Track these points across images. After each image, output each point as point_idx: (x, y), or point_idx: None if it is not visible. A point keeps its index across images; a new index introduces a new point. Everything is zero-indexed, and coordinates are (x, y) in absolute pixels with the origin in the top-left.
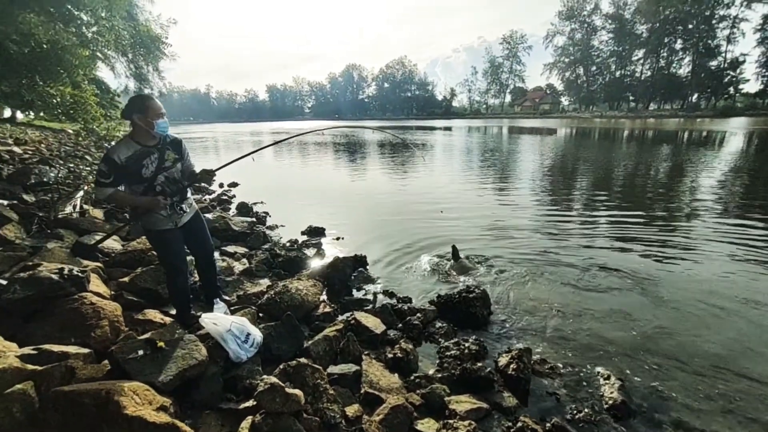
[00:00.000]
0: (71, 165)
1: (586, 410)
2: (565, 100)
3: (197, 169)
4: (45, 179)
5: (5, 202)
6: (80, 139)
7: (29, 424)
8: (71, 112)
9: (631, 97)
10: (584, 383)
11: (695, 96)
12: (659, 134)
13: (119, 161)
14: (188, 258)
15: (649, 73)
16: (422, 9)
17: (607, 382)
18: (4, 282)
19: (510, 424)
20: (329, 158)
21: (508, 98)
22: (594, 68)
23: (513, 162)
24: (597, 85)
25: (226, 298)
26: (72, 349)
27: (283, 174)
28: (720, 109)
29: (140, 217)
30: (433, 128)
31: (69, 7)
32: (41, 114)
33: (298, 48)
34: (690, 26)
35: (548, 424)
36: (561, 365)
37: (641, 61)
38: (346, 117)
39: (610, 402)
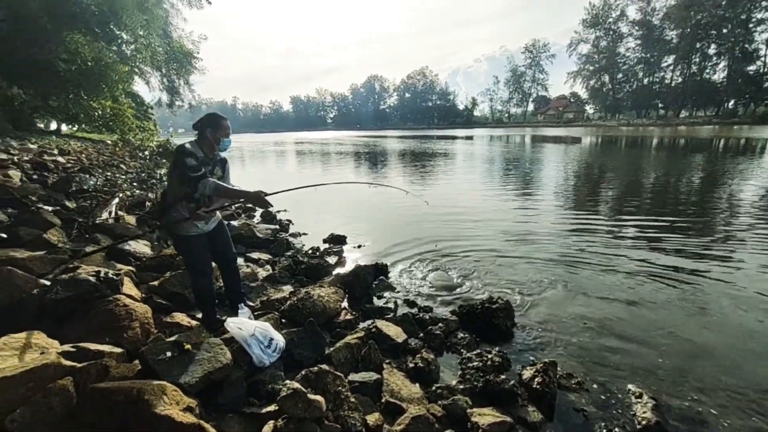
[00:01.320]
0: (108, 174)
1: (616, 430)
2: (589, 109)
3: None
4: (85, 187)
5: (50, 208)
6: (117, 149)
7: (67, 419)
8: (110, 123)
9: (660, 105)
10: (614, 401)
11: (731, 102)
12: (692, 142)
13: (198, 156)
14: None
15: (680, 79)
16: (444, 20)
17: (640, 400)
18: (48, 283)
19: None
20: (350, 166)
21: (530, 107)
22: (620, 76)
23: (536, 171)
24: (623, 93)
25: (251, 303)
26: (107, 348)
27: (307, 182)
28: (760, 115)
29: (174, 222)
30: (454, 137)
31: (111, 26)
32: (83, 126)
33: (322, 60)
34: (725, 30)
35: None
36: (589, 380)
37: (671, 68)
38: (367, 127)
39: (644, 422)
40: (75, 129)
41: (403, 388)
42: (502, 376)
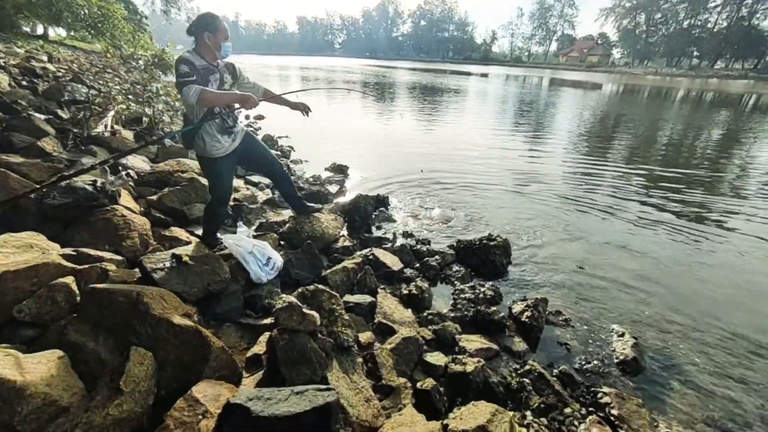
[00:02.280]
0: (101, 83)
1: (595, 362)
2: (616, 53)
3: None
4: (78, 96)
5: (42, 116)
6: (108, 56)
7: (71, 313)
8: (99, 25)
9: (695, 53)
10: (597, 338)
11: None
12: (719, 98)
13: (196, 65)
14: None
15: (725, 23)
16: None
17: (621, 339)
18: (44, 189)
19: (518, 366)
20: (357, 98)
21: (553, 46)
22: (659, 16)
23: (549, 115)
24: (658, 37)
25: (312, 204)
26: (106, 254)
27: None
28: None
29: (196, 141)
30: (469, 74)
31: None
32: (72, 33)
33: None
34: None
35: (555, 370)
36: (576, 318)
37: (718, 9)
38: (378, 56)
39: (621, 357)
40: (64, 36)
41: (396, 312)
42: (493, 308)
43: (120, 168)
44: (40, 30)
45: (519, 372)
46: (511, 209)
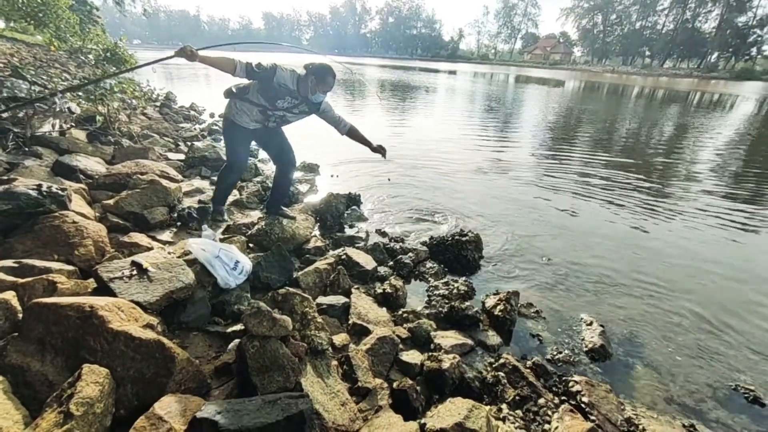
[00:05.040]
0: (45, 78)
1: (566, 351)
2: (577, 51)
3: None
4: (18, 93)
5: None
6: (53, 49)
7: (12, 332)
8: (40, 15)
9: (647, 53)
10: (567, 327)
11: (715, 55)
12: (669, 94)
13: (275, 81)
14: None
15: (671, 26)
16: None
17: (589, 327)
18: None
19: (492, 359)
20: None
21: (518, 44)
22: (614, 17)
23: (515, 111)
24: (614, 36)
25: (287, 211)
26: (55, 265)
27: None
28: (737, 71)
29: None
30: (437, 71)
31: None
32: (11, 24)
33: None
34: None
35: (529, 362)
36: (547, 310)
37: (666, 12)
38: (346, 53)
39: (590, 345)
40: (2, 27)
41: (371, 312)
42: (467, 303)
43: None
44: None
45: (494, 366)
46: (480, 202)
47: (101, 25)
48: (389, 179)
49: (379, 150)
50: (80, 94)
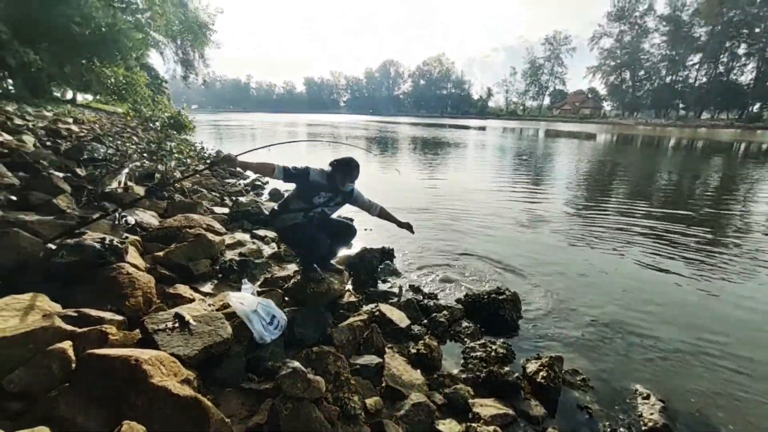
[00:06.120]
0: (119, 143)
1: (621, 429)
2: (607, 106)
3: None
4: (96, 155)
5: (61, 175)
6: (128, 119)
7: (65, 381)
8: (123, 92)
9: (681, 105)
10: (619, 400)
11: (757, 105)
12: (711, 145)
13: (310, 178)
14: None
15: (704, 79)
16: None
17: (647, 401)
18: (54, 247)
19: None
20: (360, 152)
21: (547, 100)
22: (642, 73)
23: (548, 164)
24: (643, 91)
25: (335, 264)
26: (108, 314)
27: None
28: None
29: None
30: (467, 127)
31: None
32: (97, 97)
33: (348, 45)
34: (757, 30)
35: None
36: (594, 378)
37: (696, 67)
38: (380, 113)
39: (650, 424)
40: (90, 99)
41: (405, 374)
42: (506, 368)
43: (124, 222)
44: (69, 95)
45: None
46: (516, 257)
47: (167, 94)
48: (445, 233)
49: (407, 226)
50: (145, 154)
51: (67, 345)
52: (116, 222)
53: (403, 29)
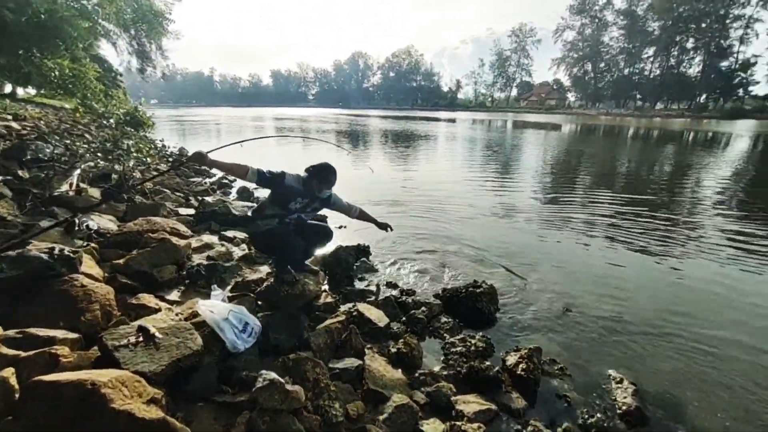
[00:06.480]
0: (68, 142)
1: (598, 415)
2: (571, 96)
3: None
4: (41, 155)
5: (0, 177)
6: (78, 115)
7: (7, 414)
8: (70, 86)
9: (638, 96)
10: (596, 386)
11: (704, 96)
12: (664, 134)
13: (286, 183)
14: None
15: (658, 71)
16: None
17: (620, 386)
18: None
19: (519, 427)
20: (330, 147)
21: (514, 92)
22: (602, 65)
23: (516, 155)
24: (605, 82)
25: (310, 265)
26: (60, 333)
27: (284, 161)
28: (728, 110)
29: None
30: (437, 119)
31: None
32: (41, 91)
33: (306, 33)
34: (703, 25)
35: (559, 429)
36: (571, 366)
37: (651, 59)
38: (349, 106)
39: (624, 408)
40: (33, 94)
41: (386, 374)
42: (486, 363)
43: (86, 228)
44: (7, 89)
45: None
46: (490, 249)
47: (123, 89)
48: (419, 227)
49: (384, 226)
50: (99, 153)
51: (8, 373)
52: (77, 228)
53: (360, 17)
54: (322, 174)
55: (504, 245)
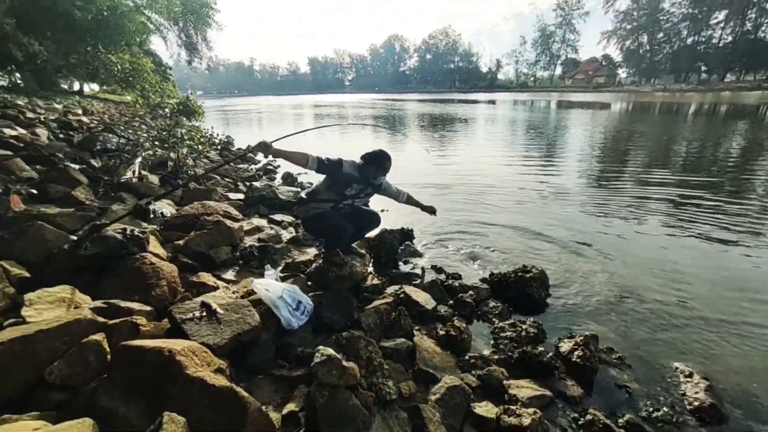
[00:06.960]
0: (130, 132)
1: (664, 409)
2: (622, 73)
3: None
4: (109, 146)
5: (76, 167)
6: (137, 107)
7: (102, 374)
8: (130, 79)
9: (703, 68)
10: (659, 378)
11: None
12: (735, 109)
13: (343, 170)
14: None
15: (729, 38)
16: None
17: (690, 380)
18: (75, 239)
19: (577, 415)
20: (369, 131)
21: (558, 70)
22: (661, 35)
23: (562, 136)
24: (662, 55)
25: (357, 248)
26: (136, 305)
27: (327, 146)
28: None
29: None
30: (476, 101)
31: None
32: (104, 87)
33: (324, 22)
34: None
35: (621, 420)
36: (631, 356)
37: (721, 25)
38: (386, 90)
39: (696, 403)
40: (97, 90)
41: (435, 356)
42: (539, 348)
43: (160, 214)
44: (76, 86)
45: (580, 423)
46: (539, 233)
47: (172, 81)
48: (464, 212)
49: (430, 210)
50: (156, 142)
51: (100, 337)
52: (151, 215)
53: (377, 5)
54: (380, 161)
55: (554, 229)
